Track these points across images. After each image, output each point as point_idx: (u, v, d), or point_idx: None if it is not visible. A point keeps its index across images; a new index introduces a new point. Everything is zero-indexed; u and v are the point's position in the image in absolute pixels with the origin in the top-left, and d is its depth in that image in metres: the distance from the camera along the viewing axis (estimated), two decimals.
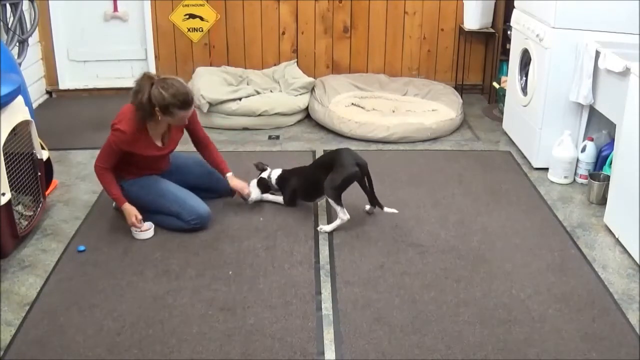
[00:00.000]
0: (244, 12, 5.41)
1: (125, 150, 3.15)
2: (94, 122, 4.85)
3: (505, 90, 4.81)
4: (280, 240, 3.20)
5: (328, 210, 3.48)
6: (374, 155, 4.16)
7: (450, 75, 5.63)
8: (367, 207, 3.45)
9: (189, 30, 5.43)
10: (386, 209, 3.38)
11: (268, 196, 3.59)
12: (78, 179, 3.90)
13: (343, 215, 3.25)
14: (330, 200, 3.26)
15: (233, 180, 3.45)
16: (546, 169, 4.00)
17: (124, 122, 3.13)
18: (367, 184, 3.35)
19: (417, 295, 2.78)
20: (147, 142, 3.21)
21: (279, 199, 3.57)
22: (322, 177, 3.29)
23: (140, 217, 3.18)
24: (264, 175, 3.60)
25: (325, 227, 3.29)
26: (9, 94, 2.99)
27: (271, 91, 4.99)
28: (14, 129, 3.06)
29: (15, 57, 4.26)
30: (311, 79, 5.07)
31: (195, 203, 3.24)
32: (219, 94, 4.76)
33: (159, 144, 3.26)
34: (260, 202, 3.59)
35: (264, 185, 3.57)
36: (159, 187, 3.28)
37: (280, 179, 3.56)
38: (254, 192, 3.55)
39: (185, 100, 3.09)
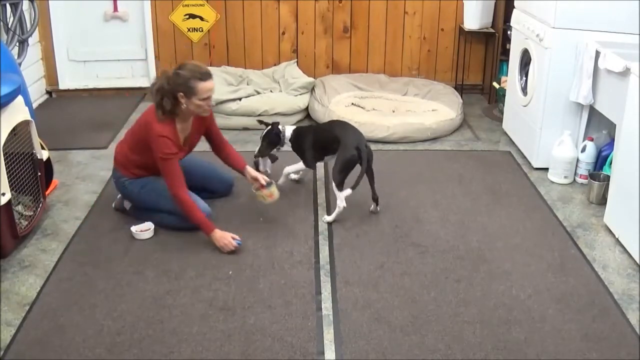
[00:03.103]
0: (244, 12, 5.41)
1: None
2: (94, 122, 4.86)
3: (505, 90, 4.81)
4: (280, 240, 3.20)
5: (328, 208, 3.48)
6: (374, 155, 4.16)
7: (450, 75, 5.63)
8: (372, 206, 3.45)
9: (189, 30, 5.43)
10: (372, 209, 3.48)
11: (289, 170, 3.62)
12: (78, 179, 3.90)
13: (340, 203, 3.31)
14: (333, 184, 3.33)
15: (249, 172, 3.43)
16: (546, 169, 4.00)
17: (162, 127, 3.10)
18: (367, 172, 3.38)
19: (417, 295, 2.78)
20: (177, 141, 3.20)
21: (299, 166, 3.58)
22: (332, 142, 3.40)
23: (236, 236, 3.13)
24: (280, 128, 3.56)
25: (327, 218, 3.36)
26: (9, 94, 2.99)
27: (271, 91, 4.99)
28: (14, 129, 3.06)
29: (15, 57, 4.26)
30: (311, 79, 5.07)
31: (197, 202, 3.23)
32: (219, 94, 4.76)
33: (182, 144, 3.26)
34: (259, 202, 3.58)
35: (273, 139, 3.56)
36: (161, 186, 3.28)
37: (296, 135, 3.55)
38: (263, 164, 3.65)
39: (205, 72, 3.11)
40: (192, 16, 5.39)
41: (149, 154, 3.16)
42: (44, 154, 3.39)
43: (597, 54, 3.55)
